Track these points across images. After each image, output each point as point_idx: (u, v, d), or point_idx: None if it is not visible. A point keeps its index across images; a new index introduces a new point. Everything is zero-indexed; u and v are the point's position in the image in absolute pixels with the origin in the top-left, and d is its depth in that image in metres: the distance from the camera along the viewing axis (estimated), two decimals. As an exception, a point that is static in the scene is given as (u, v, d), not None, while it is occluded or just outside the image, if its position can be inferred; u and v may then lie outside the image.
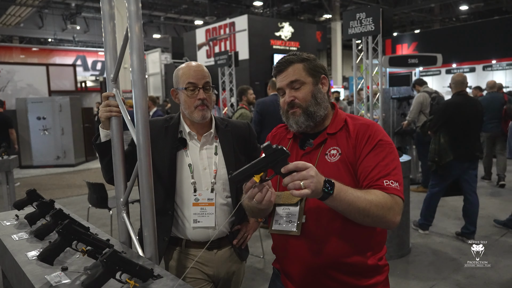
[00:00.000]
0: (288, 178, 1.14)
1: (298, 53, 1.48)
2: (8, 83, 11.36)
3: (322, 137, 1.44)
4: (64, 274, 1.28)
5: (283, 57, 1.49)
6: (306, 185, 1.12)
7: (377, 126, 1.43)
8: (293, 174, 1.13)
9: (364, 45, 4.74)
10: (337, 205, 1.22)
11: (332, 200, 1.19)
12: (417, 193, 6.15)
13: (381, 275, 1.42)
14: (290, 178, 1.13)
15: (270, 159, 1.17)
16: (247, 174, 1.19)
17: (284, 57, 1.48)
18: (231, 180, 1.20)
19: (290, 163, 1.15)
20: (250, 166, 1.19)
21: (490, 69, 12.22)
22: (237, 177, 1.19)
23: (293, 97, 1.43)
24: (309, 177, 1.12)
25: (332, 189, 1.17)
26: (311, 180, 1.12)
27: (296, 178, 1.13)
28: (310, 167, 1.14)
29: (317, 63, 1.48)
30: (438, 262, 3.81)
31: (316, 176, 1.14)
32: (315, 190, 1.13)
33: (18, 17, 19.11)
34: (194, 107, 1.72)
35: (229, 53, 8.89)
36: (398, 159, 1.39)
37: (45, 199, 1.85)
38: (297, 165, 1.14)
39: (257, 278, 3.60)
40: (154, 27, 23.81)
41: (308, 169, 1.13)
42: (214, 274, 1.79)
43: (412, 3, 18.62)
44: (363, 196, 1.24)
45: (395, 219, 1.29)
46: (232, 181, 1.20)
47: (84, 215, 4.56)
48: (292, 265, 1.42)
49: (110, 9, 1.61)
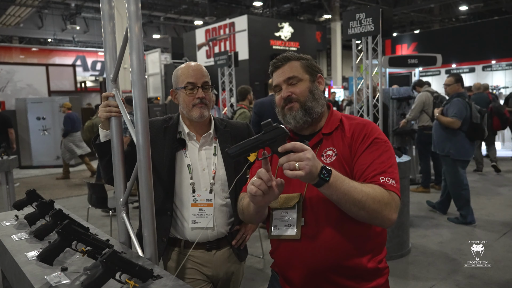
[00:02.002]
0: (284, 158, 1.13)
1: (295, 53, 1.50)
2: (8, 83, 11.36)
3: (318, 138, 1.43)
4: (63, 274, 1.28)
5: (280, 54, 1.49)
6: (301, 166, 1.11)
7: (373, 125, 1.43)
8: (289, 154, 1.13)
9: (363, 45, 4.74)
10: (332, 194, 1.20)
11: (327, 187, 1.17)
12: (417, 193, 6.15)
13: (381, 278, 1.41)
14: (286, 158, 1.13)
15: (269, 136, 1.16)
16: (245, 149, 1.18)
17: (281, 55, 1.49)
18: (228, 154, 1.19)
19: (288, 143, 1.15)
20: (248, 141, 1.18)
21: (490, 69, 12.21)
22: (234, 151, 1.18)
23: (290, 92, 1.43)
24: (305, 159, 1.11)
25: (328, 176, 1.16)
26: (307, 162, 1.11)
27: (292, 159, 1.12)
28: (308, 150, 1.13)
29: (313, 62, 1.50)
30: (438, 262, 3.80)
31: (313, 160, 1.13)
32: (309, 173, 1.12)
33: (17, 17, 19.10)
34: (192, 105, 1.72)
35: (228, 53, 8.89)
36: (394, 157, 1.38)
37: (44, 199, 1.85)
38: (294, 145, 1.13)
39: (257, 279, 3.60)
40: (153, 27, 23.80)
41: (305, 151, 1.13)
42: (213, 274, 1.79)
43: (411, 3, 18.62)
44: (360, 187, 1.22)
45: (391, 216, 1.26)
46: (229, 155, 1.19)
47: (84, 216, 4.56)
48: (292, 270, 1.40)
49: (109, 9, 1.61)
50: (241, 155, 1.20)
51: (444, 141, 4.75)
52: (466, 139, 4.63)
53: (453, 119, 4.58)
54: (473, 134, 4.62)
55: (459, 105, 4.59)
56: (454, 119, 4.58)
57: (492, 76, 12.15)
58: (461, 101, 4.60)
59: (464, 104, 4.60)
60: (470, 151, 4.71)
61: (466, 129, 4.60)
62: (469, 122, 4.60)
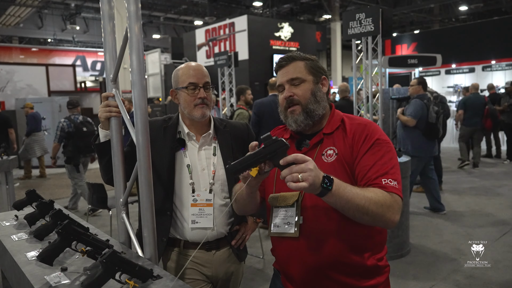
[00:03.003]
0: (286, 170, 1.13)
1: (301, 53, 1.50)
2: (8, 84, 11.35)
3: (318, 137, 1.43)
4: (63, 274, 1.28)
5: (286, 54, 1.49)
6: (304, 178, 1.11)
7: (374, 125, 1.43)
8: (291, 167, 1.13)
9: (363, 45, 4.74)
10: (336, 202, 1.21)
11: (330, 196, 1.18)
12: (417, 193, 6.15)
13: (381, 276, 1.41)
14: (288, 170, 1.13)
15: (269, 150, 1.16)
16: (245, 164, 1.18)
17: (287, 54, 1.49)
18: (228, 170, 1.19)
19: (289, 155, 1.15)
20: (248, 156, 1.18)
21: (490, 69, 12.20)
22: (235, 167, 1.18)
23: (292, 93, 1.43)
24: (308, 170, 1.12)
25: (331, 184, 1.16)
26: (309, 173, 1.11)
27: (295, 171, 1.12)
28: (309, 161, 1.14)
29: (318, 64, 1.49)
30: (438, 263, 3.81)
31: (315, 170, 1.13)
32: (313, 184, 1.12)
33: (17, 17, 19.09)
34: (194, 105, 1.73)
35: (228, 54, 8.89)
36: (396, 158, 1.39)
37: (44, 199, 1.85)
38: (296, 158, 1.14)
39: (257, 279, 3.60)
40: (153, 27, 23.80)
41: (307, 162, 1.13)
42: (213, 274, 1.79)
43: (411, 3, 18.61)
44: (362, 193, 1.23)
45: (394, 218, 1.27)
46: (229, 171, 1.19)
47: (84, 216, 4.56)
48: (292, 267, 1.42)
49: (109, 9, 1.61)
50: (242, 171, 1.20)
51: (404, 139, 5.13)
52: (423, 137, 5.01)
53: (408, 118, 4.98)
54: (429, 133, 5.01)
55: (416, 105, 4.98)
56: (409, 118, 4.97)
57: (492, 76, 12.15)
58: (419, 102, 4.99)
59: (421, 105, 4.97)
60: (426, 149, 5.04)
61: (423, 128, 4.98)
62: (425, 122, 4.97)
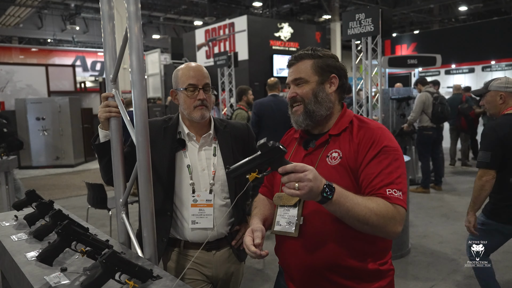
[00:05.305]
0: (286, 177, 1.15)
1: (316, 49, 1.45)
2: (8, 84, 11.33)
3: (324, 139, 1.42)
4: (63, 274, 1.28)
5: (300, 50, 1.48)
6: (300, 187, 1.12)
7: (383, 130, 1.38)
8: (290, 175, 1.14)
9: (363, 45, 4.74)
10: (336, 210, 1.21)
11: (330, 205, 1.18)
12: (417, 193, 6.15)
13: (383, 280, 1.39)
14: (287, 178, 1.14)
15: (266, 157, 1.18)
16: (243, 170, 1.20)
17: (299, 51, 1.47)
18: (227, 174, 1.23)
19: (289, 164, 1.15)
20: (245, 162, 1.20)
21: (489, 69, 12.20)
22: (233, 173, 1.21)
23: (295, 93, 1.45)
24: (306, 180, 1.12)
25: (331, 194, 1.16)
26: (307, 183, 1.11)
27: (293, 179, 1.13)
28: (309, 170, 1.13)
29: (329, 62, 1.44)
30: (438, 263, 3.81)
31: (314, 180, 1.12)
32: (309, 193, 1.12)
33: (17, 17, 19.08)
34: (193, 107, 1.73)
35: (228, 54, 8.89)
36: (404, 166, 1.34)
37: (44, 199, 1.85)
38: (295, 167, 1.14)
39: (257, 279, 3.60)
40: (153, 27, 23.79)
41: (306, 172, 1.12)
42: (213, 275, 1.79)
43: (411, 3, 18.61)
44: (363, 203, 1.22)
45: (396, 229, 1.26)
46: (228, 175, 1.23)
47: (84, 216, 4.56)
48: (291, 266, 1.42)
49: (109, 9, 1.61)
50: (240, 176, 1.22)
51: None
52: None
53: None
54: None
55: None
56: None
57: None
58: None
59: None
60: None
61: None
62: None
